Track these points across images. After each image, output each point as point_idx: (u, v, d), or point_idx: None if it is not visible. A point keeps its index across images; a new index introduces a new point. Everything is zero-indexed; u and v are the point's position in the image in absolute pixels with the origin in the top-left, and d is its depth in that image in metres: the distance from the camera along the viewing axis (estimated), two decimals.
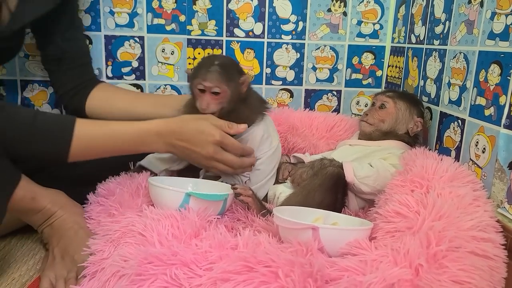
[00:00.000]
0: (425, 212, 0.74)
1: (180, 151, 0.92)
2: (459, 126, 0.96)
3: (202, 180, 0.99)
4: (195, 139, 0.91)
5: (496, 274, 0.68)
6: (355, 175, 0.95)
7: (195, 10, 1.36)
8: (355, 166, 0.97)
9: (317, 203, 0.92)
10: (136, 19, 1.35)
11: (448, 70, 1.02)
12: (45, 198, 0.86)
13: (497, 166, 0.82)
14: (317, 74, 1.43)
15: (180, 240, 0.75)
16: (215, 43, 1.38)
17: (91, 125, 0.87)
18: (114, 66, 1.37)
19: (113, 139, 0.88)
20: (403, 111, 1.09)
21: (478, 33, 0.91)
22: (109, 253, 0.77)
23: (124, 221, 0.82)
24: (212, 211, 0.85)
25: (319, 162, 1.00)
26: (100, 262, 0.76)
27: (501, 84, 0.82)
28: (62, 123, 0.84)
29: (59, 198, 0.89)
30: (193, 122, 0.93)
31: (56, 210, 0.87)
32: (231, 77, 0.97)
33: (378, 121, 1.09)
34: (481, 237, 0.71)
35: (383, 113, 1.09)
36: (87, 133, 0.85)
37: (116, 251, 0.75)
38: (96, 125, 0.87)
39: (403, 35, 1.30)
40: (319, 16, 1.39)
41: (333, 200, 0.96)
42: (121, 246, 0.76)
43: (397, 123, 1.08)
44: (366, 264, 0.67)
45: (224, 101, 0.96)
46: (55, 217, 0.87)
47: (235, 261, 0.66)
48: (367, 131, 1.10)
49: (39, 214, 0.86)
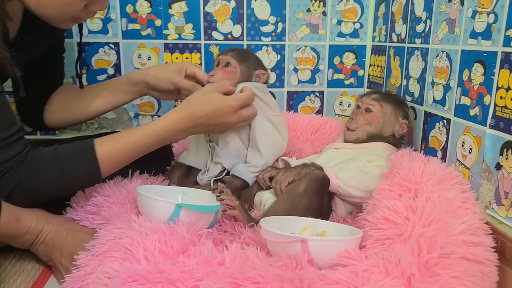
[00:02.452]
0: (414, 218, 0.73)
1: (204, 129, 0.95)
2: (445, 126, 0.95)
3: (192, 189, 0.97)
4: (215, 118, 0.93)
5: (488, 279, 0.67)
6: (338, 178, 0.94)
7: (171, 14, 1.32)
8: (335, 170, 0.95)
9: (303, 208, 0.90)
10: (110, 24, 1.31)
11: (431, 69, 1.01)
12: (28, 218, 0.83)
13: (484, 167, 0.81)
14: (298, 75, 1.41)
15: (167, 256, 0.72)
16: (193, 47, 1.35)
17: (110, 143, 0.87)
18: (89, 74, 1.33)
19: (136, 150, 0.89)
20: (389, 114, 1.07)
21: (459, 31, 0.90)
22: (93, 267, 0.74)
23: (112, 232, 0.78)
24: (203, 224, 0.82)
25: (301, 167, 0.98)
26: (84, 277, 0.73)
27: (485, 84, 0.82)
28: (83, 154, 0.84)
29: (41, 214, 0.86)
30: (204, 102, 0.93)
31: (43, 226, 0.84)
32: (245, 60, 1.06)
33: (364, 124, 1.07)
34: (472, 241, 0.69)
35: (369, 116, 1.07)
36: (110, 154, 0.86)
37: (100, 267, 0.72)
38: (116, 141, 0.87)
39: (384, 33, 1.29)
40: (298, 16, 1.37)
41: (320, 204, 0.94)
42: (106, 261, 0.73)
43: (384, 126, 1.07)
44: (357, 276, 0.65)
45: (231, 77, 1.03)
46: (44, 233, 0.84)
47: (222, 278, 0.64)
48: (352, 140, 1.09)
49: (27, 235, 0.83)
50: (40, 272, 0.88)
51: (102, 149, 0.85)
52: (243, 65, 1.06)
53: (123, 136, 0.89)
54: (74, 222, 0.91)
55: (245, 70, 1.06)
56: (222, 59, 1.06)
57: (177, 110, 0.92)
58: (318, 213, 0.91)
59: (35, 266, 0.90)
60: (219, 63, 1.06)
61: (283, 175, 0.98)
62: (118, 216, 0.83)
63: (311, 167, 0.97)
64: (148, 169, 1.07)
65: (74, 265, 0.78)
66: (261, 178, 1.02)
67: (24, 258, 0.92)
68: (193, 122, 0.92)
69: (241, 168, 1.03)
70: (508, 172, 0.75)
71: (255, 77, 1.08)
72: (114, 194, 0.92)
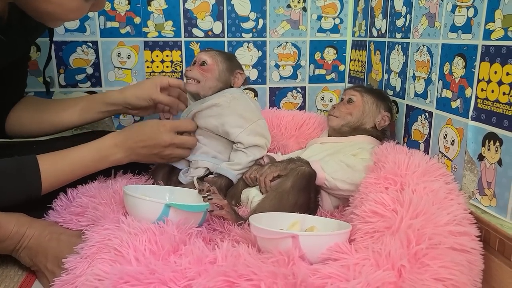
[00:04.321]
0: (402, 210, 0.74)
1: (140, 152, 0.97)
2: (427, 119, 0.97)
3: (179, 188, 0.96)
4: (150, 135, 0.97)
5: (474, 267, 0.69)
6: (324, 171, 0.95)
7: (150, 11, 1.30)
8: (322, 163, 0.96)
9: (291, 205, 0.90)
10: (87, 23, 1.28)
11: (412, 63, 1.02)
12: (10, 222, 0.82)
13: (467, 158, 0.83)
14: (280, 71, 1.41)
15: (158, 257, 0.71)
16: (173, 45, 1.34)
17: (53, 159, 0.88)
18: (67, 73, 1.30)
19: (76, 166, 0.91)
20: (370, 104, 1.08)
21: (440, 26, 0.91)
22: (82, 270, 0.72)
23: (100, 234, 0.77)
24: (193, 223, 0.81)
25: (287, 162, 0.98)
26: (74, 280, 0.71)
27: (466, 77, 0.83)
28: (25, 167, 0.84)
29: (23, 218, 0.84)
30: (143, 123, 1.01)
31: (25, 231, 0.82)
32: (223, 60, 1.06)
33: (345, 114, 1.08)
34: (458, 231, 0.71)
35: (351, 106, 1.09)
36: (51, 171, 0.86)
37: (90, 269, 0.70)
38: (57, 157, 0.89)
39: (364, 28, 1.30)
40: (278, 12, 1.37)
41: (307, 200, 0.94)
42: (95, 263, 0.71)
43: (364, 116, 1.08)
44: (348, 269, 0.65)
45: (209, 75, 1.05)
46: (27, 238, 0.82)
47: (215, 277, 0.63)
48: (335, 125, 1.09)
49: (8, 240, 0.81)
50: (23, 278, 0.86)
51: (45, 164, 0.85)
52: (223, 64, 1.06)
53: (66, 151, 0.91)
54: (57, 225, 0.89)
55: (225, 68, 1.06)
56: (199, 57, 1.06)
57: (117, 132, 0.99)
58: (306, 208, 0.91)
59: (18, 271, 0.87)
60: (196, 61, 1.06)
61: (268, 169, 0.98)
62: (104, 217, 0.82)
63: (297, 162, 0.97)
64: (132, 168, 1.06)
65: (61, 269, 0.76)
66: (248, 178, 1.02)
67: (6, 264, 0.89)
68: (130, 141, 0.96)
69: (224, 166, 1.03)
70: (490, 163, 0.77)
71: (233, 77, 1.07)
72: (100, 194, 0.91)
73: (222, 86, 1.06)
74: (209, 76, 1.05)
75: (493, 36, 0.76)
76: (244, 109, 1.05)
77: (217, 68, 1.05)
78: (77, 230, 0.87)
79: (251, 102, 1.09)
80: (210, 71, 1.05)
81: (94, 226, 0.80)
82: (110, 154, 0.94)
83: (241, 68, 1.10)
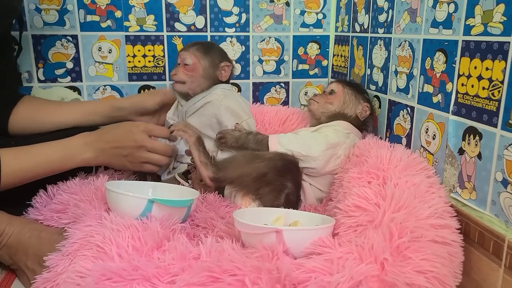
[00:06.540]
0: (384, 204, 0.75)
1: (110, 154, 0.94)
2: (409, 113, 0.98)
3: (161, 183, 0.95)
4: (122, 135, 0.95)
5: (454, 259, 0.70)
6: (279, 142, 0.97)
7: (132, 5, 1.28)
8: (279, 135, 0.99)
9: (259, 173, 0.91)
10: (67, 16, 1.25)
11: (394, 59, 1.03)
12: None
13: (447, 152, 0.84)
14: (263, 66, 1.41)
15: (141, 253, 0.70)
16: (155, 39, 1.32)
17: (16, 153, 0.85)
18: (46, 68, 1.27)
19: (41, 162, 0.87)
20: (350, 95, 1.12)
21: (421, 21, 0.92)
22: (64, 267, 0.70)
23: (82, 230, 0.75)
24: (177, 218, 0.80)
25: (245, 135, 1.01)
26: (55, 278, 0.70)
27: (447, 72, 0.84)
28: None
29: (1, 215, 0.82)
30: (117, 124, 0.99)
31: (4, 228, 0.80)
32: (208, 54, 1.06)
33: (326, 103, 1.12)
34: (439, 224, 0.72)
35: (332, 96, 1.12)
36: (13, 164, 0.84)
37: (72, 266, 0.69)
38: (21, 152, 0.86)
39: (347, 24, 1.31)
40: (262, 7, 1.36)
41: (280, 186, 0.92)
42: (77, 260, 0.70)
43: (345, 105, 1.10)
44: (332, 263, 0.66)
45: (195, 74, 1.05)
46: (6, 236, 0.80)
47: (199, 272, 0.63)
48: (314, 109, 1.12)
49: None
50: (2, 277, 0.84)
51: (6, 158, 0.83)
52: (205, 60, 1.06)
53: (31, 146, 0.88)
54: (37, 223, 0.88)
55: (208, 65, 1.06)
56: (182, 56, 1.06)
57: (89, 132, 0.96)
58: (278, 192, 0.91)
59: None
60: (179, 62, 1.06)
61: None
62: (86, 214, 0.80)
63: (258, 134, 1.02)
64: None
65: (42, 267, 0.75)
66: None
67: None
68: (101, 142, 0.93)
69: None
70: (470, 157, 0.78)
71: (220, 70, 1.07)
72: (81, 191, 0.89)
73: (209, 82, 1.07)
74: (195, 75, 1.06)
75: (473, 32, 0.77)
76: (236, 106, 1.06)
77: (200, 66, 1.06)
78: (57, 228, 0.85)
79: (241, 100, 1.10)
80: (194, 70, 1.06)
81: (76, 223, 0.79)
82: (78, 153, 0.91)
83: (224, 58, 1.10)
